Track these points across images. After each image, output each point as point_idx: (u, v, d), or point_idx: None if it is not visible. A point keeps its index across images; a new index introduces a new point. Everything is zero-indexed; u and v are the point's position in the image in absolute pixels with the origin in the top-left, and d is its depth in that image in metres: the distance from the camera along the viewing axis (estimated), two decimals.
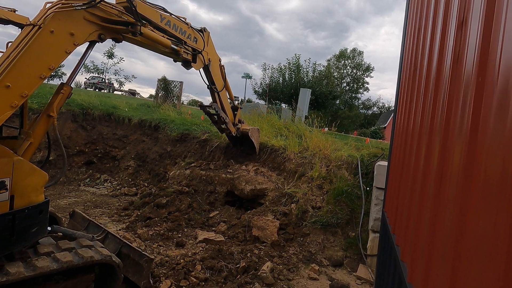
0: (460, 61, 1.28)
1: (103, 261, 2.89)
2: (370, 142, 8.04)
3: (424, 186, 1.66)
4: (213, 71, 5.57)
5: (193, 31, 4.72)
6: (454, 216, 1.10)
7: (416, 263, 1.61)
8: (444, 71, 1.53)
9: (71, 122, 8.83)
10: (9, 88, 2.46)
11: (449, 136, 1.32)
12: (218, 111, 5.83)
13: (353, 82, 43.71)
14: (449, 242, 1.12)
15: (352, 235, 5.21)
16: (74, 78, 3.22)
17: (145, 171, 8.37)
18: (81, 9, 2.85)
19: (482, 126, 0.95)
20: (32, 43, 2.59)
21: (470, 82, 1.08)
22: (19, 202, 2.48)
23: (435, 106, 1.67)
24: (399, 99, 3.46)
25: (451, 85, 1.38)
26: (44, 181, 2.73)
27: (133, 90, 32.01)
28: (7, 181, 2.38)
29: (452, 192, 1.17)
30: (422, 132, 1.91)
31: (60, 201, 6.46)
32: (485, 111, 0.93)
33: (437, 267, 1.23)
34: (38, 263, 2.49)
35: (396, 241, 2.30)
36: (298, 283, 4.20)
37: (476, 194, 0.93)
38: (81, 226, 4.11)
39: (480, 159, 0.93)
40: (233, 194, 6.38)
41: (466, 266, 0.95)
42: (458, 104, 1.23)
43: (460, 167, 1.09)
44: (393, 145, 3.50)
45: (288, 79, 21.73)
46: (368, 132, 22.10)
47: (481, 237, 0.86)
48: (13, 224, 2.42)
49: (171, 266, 4.11)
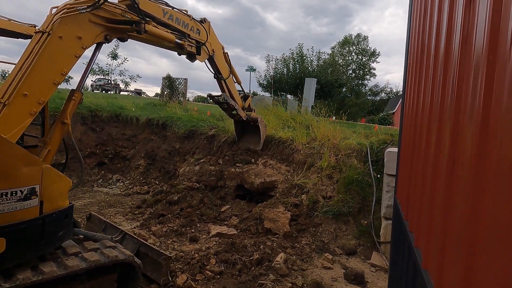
0: (469, 41, 1.23)
1: (126, 261, 3.02)
2: (379, 129, 7.92)
3: (436, 170, 1.63)
4: (217, 60, 5.55)
5: (195, 23, 4.71)
6: (467, 199, 1.08)
7: (430, 249, 1.60)
8: (453, 51, 1.49)
9: (80, 124, 8.98)
10: (26, 97, 2.57)
11: (460, 119, 1.29)
12: (227, 99, 5.88)
13: (359, 68, 42.92)
14: (464, 226, 1.10)
15: (365, 223, 5.20)
16: (83, 83, 3.27)
17: (156, 169, 8.49)
18: (86, 12, 2.89)
19: (495, 107, 0.92)
20: (43, 51, 2.66)
21: (480, 62, 1.04)
22: (47, 207, 2.61)
23: (444, 89, 1.62)
24: (407, 83, 3.38)
25: (460, 66, 1.34)
26: (68, 186, 2.86)
27: (139, 89, 32.27)
28: (37, 187, 2.50)
29: (465, 175, 1.14)
30: (432, 116, 1.86)
31: (75, 203, 6.61)
32: (497, 92, 0.90)
33: (452, 252, 1.22)
34: (68, 262, 2.64)
35: (409, 227, 2.28)
36: (312, 272, 4.23)
37: (489, 177, 0.91)
38: (98, 228, 4.23)
39: (493, 141, 0.91)
40: (243, 187, 6.42)
41: (481, 250, 0.94)
42: (468, 85, 1.19)
43: (473, 150, 1.06)
44: (402, 131, 3.44)
45: (293, 70, 21.48)
46: (377, 118, 21.80)
47: (496, 219, 0.84)
48: (43, 228, 2.55)
49: (186, 261, 4.19)
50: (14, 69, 2.68)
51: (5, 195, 2.29)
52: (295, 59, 21.69)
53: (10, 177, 2.32)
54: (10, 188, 2.32)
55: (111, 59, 20.97)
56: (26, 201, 2.42)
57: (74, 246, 2.91)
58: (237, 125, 7.11)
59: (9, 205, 2.32)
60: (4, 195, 2.28)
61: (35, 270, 2.47)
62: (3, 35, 3.88)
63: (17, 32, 3.72)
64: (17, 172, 2.35)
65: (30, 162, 2.44)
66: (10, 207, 2.33)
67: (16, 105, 2.51)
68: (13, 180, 2.34)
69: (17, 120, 2.53)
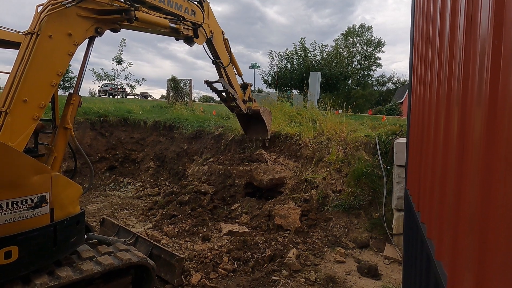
0: (474, 24, 1.20)
1: (139, 263, 3.06)
2: (387, 120, 7.81)
3: (446, 159, 1.60)
4: (216, 44, 5.29)
5: (189, 4, 4.45)
6: (478, 187, 1.05)
7: (443, 240, 1.57)
8: (458, 36, 1.45)
9: (90, 130, 9.14)
10: (26, 102, 2.53)
11: (467, 105, 1.26)
12: (226, 86, 5.54)
13: (364, 59, 42.32)
14: (475, 215, 1.08)
15: (376, 215, 5.15)
16: (80, 85, 3.18)
17: (165, 170, 8.59)
18: (72, 5, 2.75)
19: (502, 91, 0.89)
20: (35, 53, 2.58)
21: (486, 45, 1.01)
22: (58, 214, 2.63)
23: (450, 75, 1.58)
24: (413, 71, 3.31)
25: (466, 51, 1.30)
26: (79, 193, 2.87)
27: (145, 92, 32.57)
28: (47, 195, 2.52)
29: (474, 163, 1.11)
30: (440, 103, 1.82)
31: (89, 207, 6.77)
32: (504, 75, 0.87)
33: (465, 241, 1.19)
34: (83, 267, 2.68)
35: (421, 218, 2.25)
36: (325, 267, 4.22)
37: (499, 163, 0.89)
38: (112, 232, 4.30)
39: (501, 126, 0.88)
40: (252, 185, 6.43)
41: (494, 238, 0.91)
42: (474, 70, 1.16)
43: (482, 136, 1.03)
44: (410, 120, 3.38)
45: (297, 65, 21.31)
46: (384, 109, 21.47)
47: (508, 206, 0.82)
48: (55, 235, 2.59)
49: (199, 260, 4.24)
50: (10, 75, 2.63)
51: (16, 204, 2.33)
52: (298, 54, 21.52)
53: (20, 186, 2.35)
54: (20, 196, 2.34)
55: (116, 64, 21.22)
56: (37, 209, 2.45)
57: (89, 251, 2.96)
58: (240, 118, 6.77)
59: (20, 213, 2.35)
60: (14, 204, 2.32)
61: (51, 275, 2.52)
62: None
63: (4, 39, 3.52)
64: (27, 181, 2.37)
65: (39, 170, 2.45)
66: (21, 215, 2.36)
67: (17, 112, 2.49)
68: (23, 188, 2.36)
69: (21, 127, 2.52)
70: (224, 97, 5.85)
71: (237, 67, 6.02)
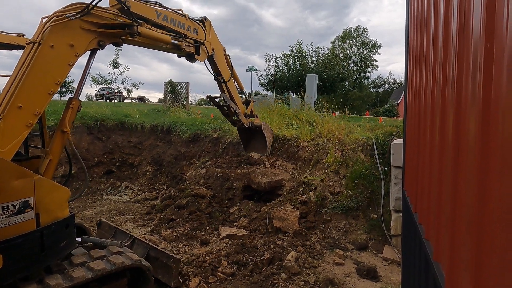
0: (467, 28, 1.21)
1: (133, 266, 3.00)
2: (384, 121, 7.85)
3: (442, 159, 1.61)
4: (218, 61, 5.40)
5: (192, 22, 4.57)
6: (474, 187, 1.06)
7: (440, 241, 1.57)
8: (451, 39, 1.47)
9: (87, 134, 9.10)
10: (21, 109, 2.52)
11: (462, 106, 1.27)
12: (227, 101, 5.65)
13: (360, 61, 42.59)
14: (472, 215, 1.08)
15: (374, 217, 5.15)
16: (81, 91, 3.23)
17: (163, 174, 8.55)
18: (76, 18, 2.81)
19: (495, 92, 0.90)
20: (35, 61, 2.61)
21: (478, 48, 1.03)
22: (45, 219, 2.55)
23: (445, 77, 1.60)
24: (409, 73, 3.34)
25: (459, 53, 1.32)
26: (67, 196, 2.79)
27: (142, 96, 32.54)
28: (31, 200, 2.44)
29: (470, 162, 1.12)
30: (435, 105, 1.84)
31: (86, 212, 6.72)
32: (496, 76, 0.89)
33: (462, 242, 1.20)
34: (74, 274, 2.61)
35: (419, 219, 2.25)
36: (324, 269, 4.21)
37: (494, 162, 0.90)
38: (109, 234, 4.27)
39: (495, 125, 0.89)
40: (251, 188, 6.43)
41: (490, 238, 0.92)
42: (468, 71, 1.17)
43: (476, 135, 1.05)
44: (407, 121, 3.40)
45: (293, 67, 21.44)
46: (381, 111, 21.56)
47: (504, 205, 0.83)
48: (42, 240, 2.50)
49: (198, 264, 4.21)
50: (8, 81, 2.64)
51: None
52: (295, 56, 21.65)
53: (0, 192, 2.25)
54: (1, 203, 2.25)
55: (113, 68, 21.21)
56: (20, 214, 2.36)
57: (81, 256, 2.89)
58: (241, 133, 6.87)
59: (2, 220, 2.26)
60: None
61: (41, 283, 2.44)
62: None
63: (6, 43, 3.63)
64: (7, 186, 2.28)
65: (20, 174, 2.36)
66: (3, 222, 2.27)
67: (11, 118, 2.47)
68: (3, 194, 2.26)
69: (13, 133, 2.48)
70: (226, 112, 5.97)
71: (239, 83, 6.13)
